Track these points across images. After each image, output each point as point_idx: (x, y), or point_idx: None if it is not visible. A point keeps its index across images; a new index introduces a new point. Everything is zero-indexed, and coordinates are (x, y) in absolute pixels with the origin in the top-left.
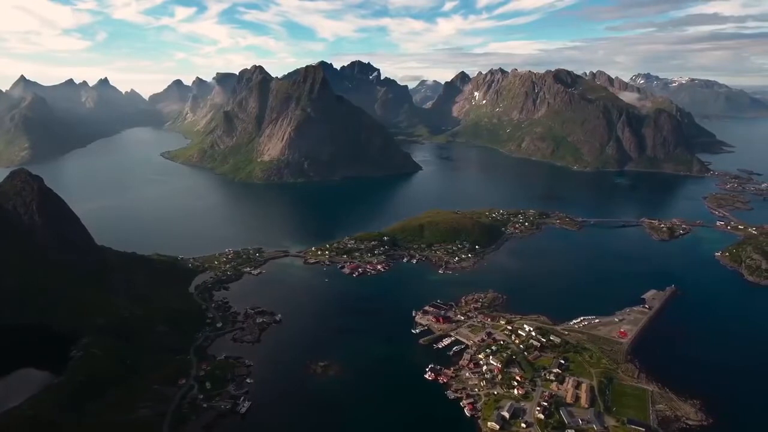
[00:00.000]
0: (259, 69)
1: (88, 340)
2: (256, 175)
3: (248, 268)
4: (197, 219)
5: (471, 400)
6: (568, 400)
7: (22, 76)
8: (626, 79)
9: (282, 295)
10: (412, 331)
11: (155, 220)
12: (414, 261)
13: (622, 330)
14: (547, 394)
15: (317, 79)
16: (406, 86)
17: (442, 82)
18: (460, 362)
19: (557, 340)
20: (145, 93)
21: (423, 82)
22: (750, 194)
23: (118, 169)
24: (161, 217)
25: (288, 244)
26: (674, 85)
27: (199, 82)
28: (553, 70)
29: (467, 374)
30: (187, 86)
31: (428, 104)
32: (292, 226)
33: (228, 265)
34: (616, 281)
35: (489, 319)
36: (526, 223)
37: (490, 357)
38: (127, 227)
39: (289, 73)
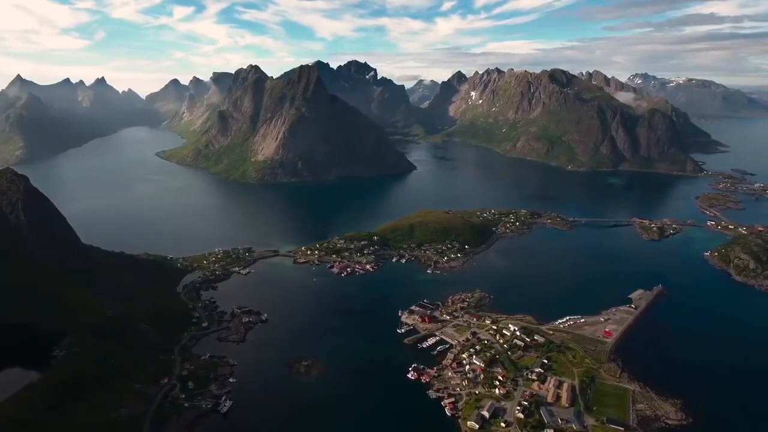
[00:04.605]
0: (254, 68)
1: (71, 340)
2: (250, 174)
3: (237, 268)
4: (189, 219)
5: (452, 399)
6: (549, 399)
7: (18, 75)
8: (624, 79)
9: (270, 294)
10: (398, 330)
11: (147, 219)
12: (403, 261)
13: (607, 330)
14: (528, 393)
15: (312, 79)
16: (402, 86)
17: (440, 82)
18: (444, 362)
19: (541, 339)
20: (144, 92)
21: (420, 82)
22: (742, 194)
23: (112, 169)
24: (153, 216)
25: (278, 244)
26: (672, 85)
27: (196, 81)
28: (549, 70)
29: (450, 374)
30: (184, 86)
31: (425, 104)
32: (284, 225)
33: (217, 265)
34: (603, 281)
35: (475, 319)
36: (517, 223)
37: (474, 356)
38: (118, 227)
39: (285, 73)
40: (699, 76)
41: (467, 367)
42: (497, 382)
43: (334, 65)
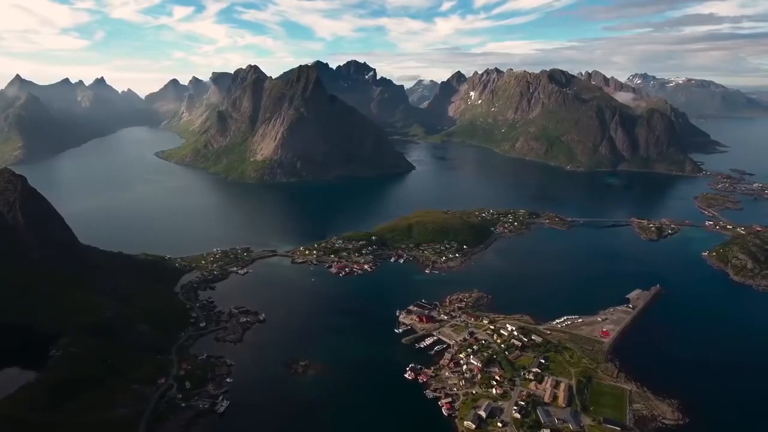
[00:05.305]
0: (253, 68)
1: (67, 340)
2: (248, 174)
3: (235, 268)
4: (187, 219)
5: (449, 399)
6: (546, 399)
7: (17, 75)
8: (623, 79)
9: (267, 294)
10: (395, 330)
11: (145, 219)
12: (401, 261)
13: (604, 329)
14: (525, 393)
15: (311, 79)
16: (402, 86)
17: (439, 82)
18: (441, 361)
19: (539, 339)
20: (144, 92)
21: (420, 82)
22: (741, 194)
23: (111, 169)
24: (151, 216)
25: (276, 244)
26: (671, 85)
27: (195, 81)
28: (548, 70)
29: (447, 374)
30: (184, 85)
31: (425, 104)
32: (282, 225)
33: (215, 265)
34: (602, 281)
35: (472, 319)
36: (516, 223)
37: (471, 356)
38: (117, 227)
39: (284, 73)
40: (698, 77)
41: (464, 366)
42: (494, 382)
43: (333, 65)
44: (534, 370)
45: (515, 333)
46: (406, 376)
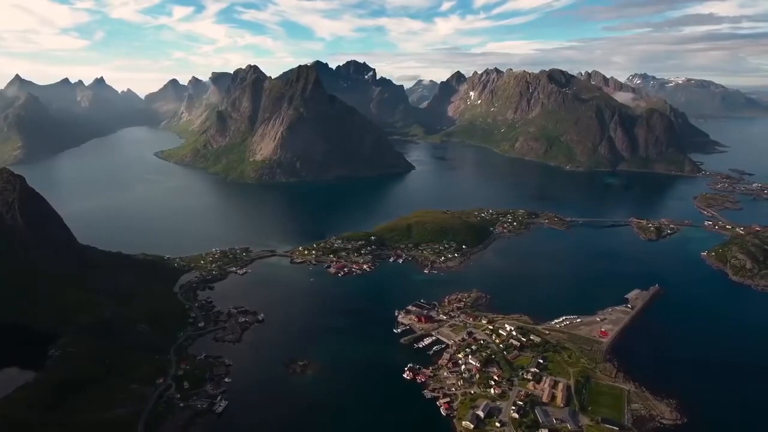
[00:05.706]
0: (253, 68)
1: (66, 340)
2: (248, 174)
3: (234, 268)
4: (187, 219)
5: (447, 399)
6: (544, 399)
7: (17, 75)
8: (623, 79)
9: (266, 294)
10: (394, 330)
11: (144, 219)
12: (400, 261)
13: (603, 329)
14: (523, 393)
15: (310, 79)
16: (401, 86)
17: (439, 82)
18: (440, 361)
19: (537, 339)
20: (143, 92)
21: (419, 82)
22: (740, 194)
23: (110, 169)
24: (151, 216)
25: (276, 244)
26: (671, 85)
27: (195, 81)
28: (547, 70)
29: (445, 374)
30: (183, 85)
31: (424, 104)
32: (281, 225)
33: (214, 265)
34: (600, 281)
35: (471, 319)
36: (515, 223)
37: (470, 356)
38: (116, 227)
39: (283, 73)
40: (698, 77)
41: (463, 366)
42: (492, 382)
43: (333, 65)
44: (532, 370)
45: (514, 333)
46: (405, 376)
